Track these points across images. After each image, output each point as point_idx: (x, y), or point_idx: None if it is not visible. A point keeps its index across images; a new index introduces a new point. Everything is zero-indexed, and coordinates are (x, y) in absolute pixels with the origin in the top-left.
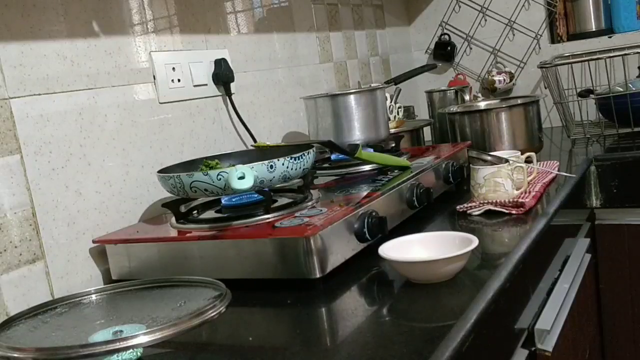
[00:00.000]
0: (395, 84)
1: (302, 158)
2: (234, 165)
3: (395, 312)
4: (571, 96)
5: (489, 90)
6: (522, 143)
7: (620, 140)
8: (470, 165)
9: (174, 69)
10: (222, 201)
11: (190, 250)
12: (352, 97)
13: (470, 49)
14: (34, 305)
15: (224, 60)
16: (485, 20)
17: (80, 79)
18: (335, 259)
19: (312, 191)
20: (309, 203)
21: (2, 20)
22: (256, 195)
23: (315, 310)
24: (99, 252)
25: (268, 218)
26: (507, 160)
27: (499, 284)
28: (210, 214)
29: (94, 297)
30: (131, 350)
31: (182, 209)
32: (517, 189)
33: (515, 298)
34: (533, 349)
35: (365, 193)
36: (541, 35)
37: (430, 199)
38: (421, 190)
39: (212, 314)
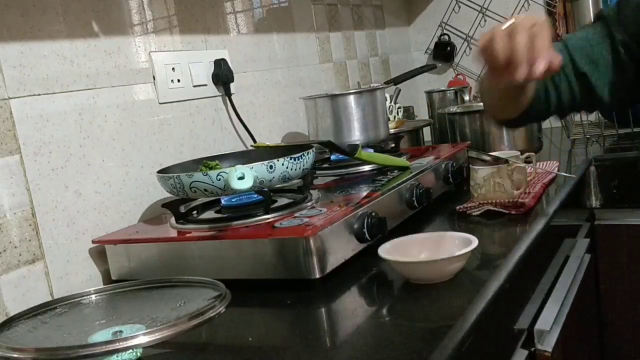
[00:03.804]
0: (395, 85)
1: (301, 158)
2: (233, 166)
3: (395, 312)
4: None
5: None
6: (521, 143)
7: (619, 140)
8: (470, 165)
9: (173, 69)
10: (222, 201)
11: (190, 250)
12: (351, 97)
13: (470, 49)
14: (33, 306)
15: (223, 60)
16: (485, 20)
17: (80, 79)
18: (335, 260)
19: (311, 191)
20: (309, 203)
21: (2, 20)
22: (256, 196)
23: (315, 310)
24: (99, 253)
25: (268, 218)
26: (506, 161)
27: (498, 284)
28: (209, 214)
29: (93, 297)
30: (131, 350)
31: (182, 209)
32: (517, 189)
33: (515, 298)
34: (533, 349)
35: (365, 193)
36: None
37: (430, 199)
38: (421, 191)
39: (212, 315)
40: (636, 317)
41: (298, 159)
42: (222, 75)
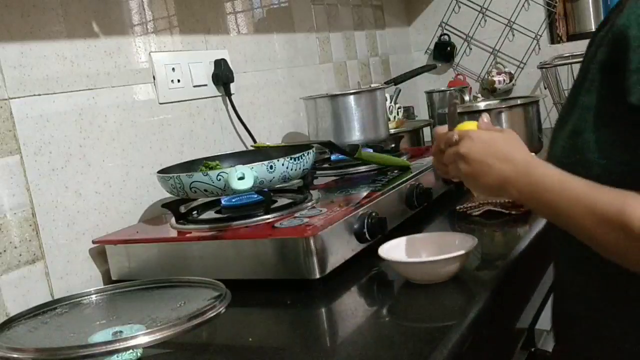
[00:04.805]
0: (395, 85)
1: (301, 158)
2: (233, 166)
3: (394, 312)
4: None
5: (489, 90)
6: None
7: None
8: None
9: (173, 69)
10: (222, 202)
11: (190, 250)
12: (351, 97)
13: (470, 49)
14: (33, 306)
15: (223, 60)
16: (485, 20)
17: (80, 80)
18: (335, 260)
19: (312, 191)
20: (309, 203)
21: (2, 20)
22: (256, 196)
23: (315, 310)
24: (99, 253)
25: (268, 218)
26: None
27: (499, 284)
28: (210, 214)
29: (93, 297)
30: (131, 350)
31: (182, 209)
32: None
33: (515, 298)
34: (533, 349)
35: (365, 193)
36: (541, 36)
37: (430, 199)
38: (421, 191)
39: (212, 315)
40: None
41: (298, 159)
42: (222, 75)
